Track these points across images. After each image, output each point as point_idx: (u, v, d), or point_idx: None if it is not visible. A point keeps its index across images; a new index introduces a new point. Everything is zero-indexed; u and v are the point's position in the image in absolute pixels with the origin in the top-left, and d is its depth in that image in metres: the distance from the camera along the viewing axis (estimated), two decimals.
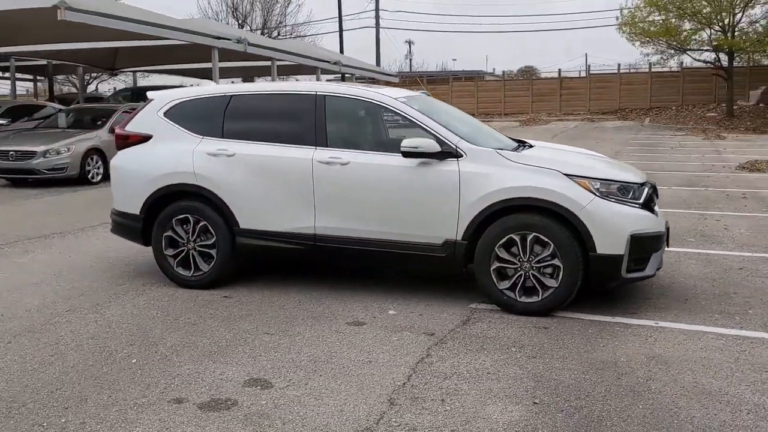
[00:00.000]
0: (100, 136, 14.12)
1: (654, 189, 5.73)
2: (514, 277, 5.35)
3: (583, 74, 43.48)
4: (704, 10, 31.83)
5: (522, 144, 6.37)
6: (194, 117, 6.28)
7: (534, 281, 5.30)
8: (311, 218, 5.80)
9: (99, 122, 14.68)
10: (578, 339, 4.86)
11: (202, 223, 6.06)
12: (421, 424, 3.62)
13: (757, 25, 33.40)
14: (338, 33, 37.76)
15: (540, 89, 41.46)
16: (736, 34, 32.15)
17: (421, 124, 5.65)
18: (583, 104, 39.70)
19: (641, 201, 5.42)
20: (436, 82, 47.37)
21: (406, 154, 5.49)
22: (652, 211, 5.52)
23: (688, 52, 33.51)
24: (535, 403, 3.87)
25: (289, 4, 41.44)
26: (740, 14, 32.14)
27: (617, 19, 34.40)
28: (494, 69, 70.08)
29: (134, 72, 27.35)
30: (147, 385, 4.14)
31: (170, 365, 4.43)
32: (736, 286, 6.13)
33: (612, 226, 5.18)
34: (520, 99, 41.56)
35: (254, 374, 4.27)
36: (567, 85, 40.89)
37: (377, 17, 43.25)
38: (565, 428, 3.58)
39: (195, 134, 6.19)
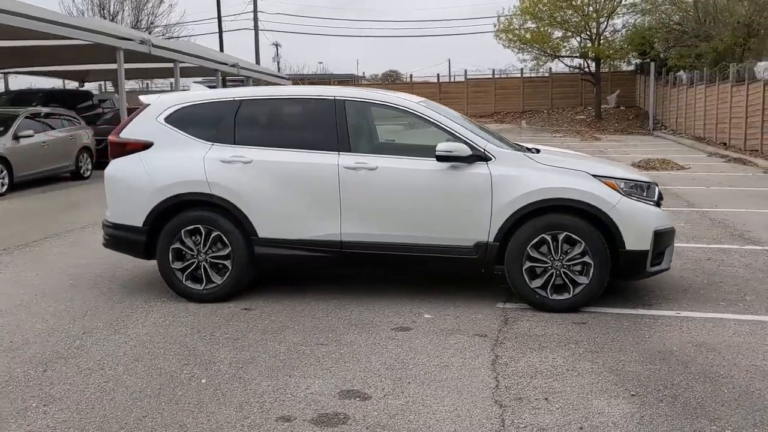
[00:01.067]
0: (4, 144, 13.01)
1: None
2: (546, 276, 5.53)
3: (459, 79, 44.96)
4: (573, 20, 33.93)
5: (528, 148, 6.58)
6: (200, 123, 6.00)
7: (565, 279, 5.50)
8: (337, 225, 5.70)
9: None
10: (621, 332, 5.10)
11: (214, 234, 5.79)
12: (545, 423, 3.69)
13: (618, 34, 36.04)
14: (218, 34, 36.86)
15: (421, 93, 42.38)
16: (601, 42, 34.48)
17: (449, 129, 5.71)
18: (461, 108, 40.95)
19: (655, 199, 5.77)
20: (316, 84, 47.33)
21: (441, 158, 5.53)
22: (660, 207, 5.89)
23: (560, 58, 35.54)
24: (632, 395, 4.04)
25: (160, 3, 39.72)
26: (605, 23, 34.52)
27: (494, 26, 35.89)
28: (364, 73, 70.98)
29: (5, 74, 25.30)
30: (239, 405, 3.93)
31: (247, 383, 4.23)
32: (717, 275, 6.64)
33: (639, 223, 5.48)
34: None
35: (342, 386, 4.16)
36: (445, 89, 42.15)
37: (255, 19, 42.59)
38: (675, 416, 3.78)
39: (203, 141, 5.91)
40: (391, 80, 53.79)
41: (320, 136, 5.84)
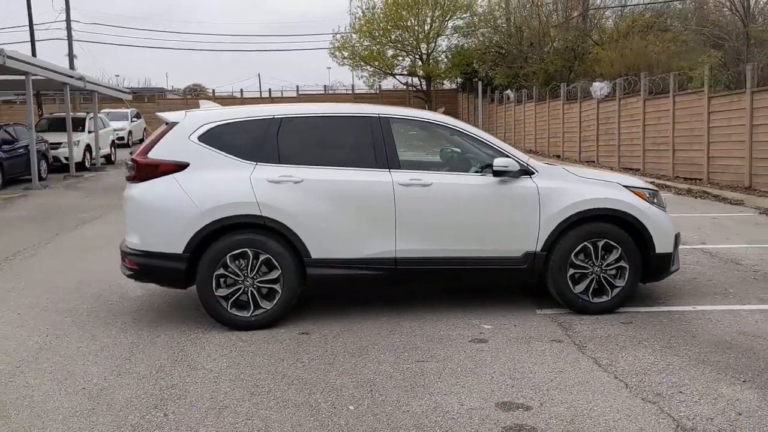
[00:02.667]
0: None
1: None
2: (587, 281, 5.92)
3: (265, 94, 45.09)
4: (406, 41, 35.52)
5: None
6: (239, 142, 5.70)
7: (604, 283, 5.93)
8: (391, 242, 5.69)
9: None
10: (669, 328, 5.59)
11: (263, 257, 5.52)
12: (704, 413, 4.01)
13: (444, 55, 38.25)
14: (30, 43, 33.78)
15: None
16: (431, 62, 36.40)
17: (497, 146, 5.93)
18: None
19: (664, 205, 6.40)
20: (143, 99, 45.10)
21: (497, 173, 5.73)
22: None
23: (394, 75, 36.97)
24: (744, 381, 4.49)
25: None
26: (433, 44, 36.49)
27: (330, 44, 36.56)
28: (172, 86, 68.72)
29: None
30: (418, 426, 3.86)
31: (396, 406, 4.14)
32: (694, 273, 7.39)
33: (664, 227, 6.05)
34: None
35: (493, 399, 4.22)
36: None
37: (69, 29, 39.65)
38: None
39: (245, 160, 5.63)
40: (195, 94, 52.56)
41: (367, 153, 5.80)
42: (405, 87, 38.70)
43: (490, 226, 5.82)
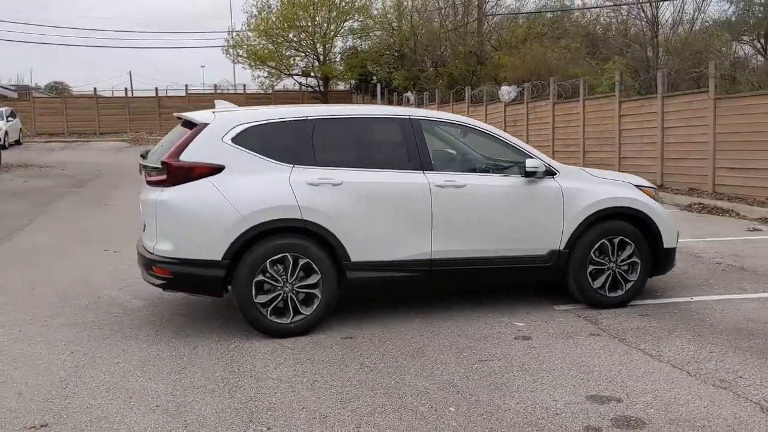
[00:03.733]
0: None
1: None
2: (603, 277, 6.18)
3: (178, 94, 43.58)
4: (303, 41, 35.31)
5: None
6: (274, 144, 5.52)
7: (619, 278, 6.22)
8: (427, 243, 5.70)
9: None
10: (686, 318, 5.94)
11: (303, 261, 5.38)
12: None
13: (339, 56, 38.36)
14: None
15: (139, 107, 40.27)
16: (327, 63, 36.39)
17: (522, 148, 6.08)
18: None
19: (661, 202, 6.79)
20: (6, 99, 42.05)
21: (528, 174, 5.88)
22: None
23: (292, 76, 36.62)
24: None
25: None
26: (330, 45, 36.48)
27: (226, 41, 35.72)
28: (36, 84, 64.96)
29: None
30: (523, 426, 3.92)
31: (495, 405, 4.16)
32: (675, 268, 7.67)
33: (670, 224, 6.42)
34: (117, 118, 39.82)
35: (581, 393, 4.32)
36: (165, 104, 40.53)
37: None
38: None
39: (282, 163, 5.46)
40: (57, 92, 49.91)
41: (401, 154, 5.79)
42: (299, 87, 38.43)
43: (519, 225, 5.96)
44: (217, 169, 5.32)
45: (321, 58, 35.51)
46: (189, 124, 5.64)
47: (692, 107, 14.34)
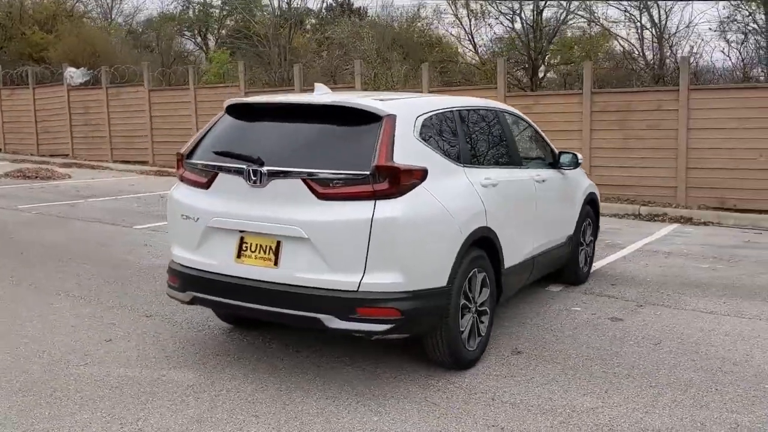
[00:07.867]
0: None
1: None
2: (583, 254, 6.86)
3: None
4: None
5: None
6: (442, 139, 4.58)
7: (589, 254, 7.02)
8: (532, 240, 5.54)
9: None
10: (662, 282, 7.08)
11: (481, 275, 4.67)
12: None
13: None
14: None
15: None
16: None
17: (550, 143, 6.28)
18: None
19: None
20: None
21: (565, 166, 6.19)
22: None
23: None
24: None
25: None
26: None
27: None
28: None
29: None
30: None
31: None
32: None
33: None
34: None
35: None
36: None
37: None
38: None
39: (455, 162, 4.59)
40: None
41: (506, 150, 5.44)
42: None
43: (565, 215, 6.29)
44: (426, 173, 4.19)
45: None
46: (343, 115, 4.20)
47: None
